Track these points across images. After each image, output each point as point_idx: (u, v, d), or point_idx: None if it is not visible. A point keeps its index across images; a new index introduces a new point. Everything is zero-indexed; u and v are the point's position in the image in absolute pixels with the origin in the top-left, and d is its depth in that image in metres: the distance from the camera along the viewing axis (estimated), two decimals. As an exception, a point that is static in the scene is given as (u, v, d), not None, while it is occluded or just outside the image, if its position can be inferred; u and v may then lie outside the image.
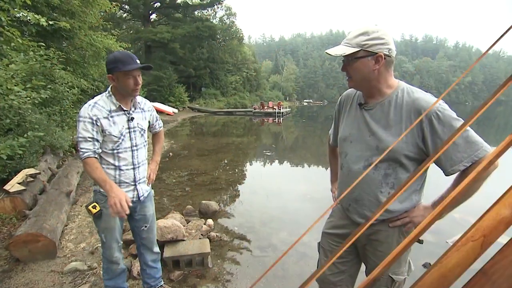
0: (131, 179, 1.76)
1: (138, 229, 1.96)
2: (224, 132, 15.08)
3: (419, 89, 1.25)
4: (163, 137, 2.19)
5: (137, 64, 1.62)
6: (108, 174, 1.69)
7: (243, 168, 7.24)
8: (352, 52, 1.20)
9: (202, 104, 30.02)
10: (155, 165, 2.02)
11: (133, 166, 1.76)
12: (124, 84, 1.61)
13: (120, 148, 1.69)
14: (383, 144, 1.22)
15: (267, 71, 78.55)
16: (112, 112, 1.66)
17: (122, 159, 1.70)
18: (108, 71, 1.62)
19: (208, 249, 2.68)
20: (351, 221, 1.41)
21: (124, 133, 1.69)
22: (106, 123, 1.63)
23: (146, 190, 1.89)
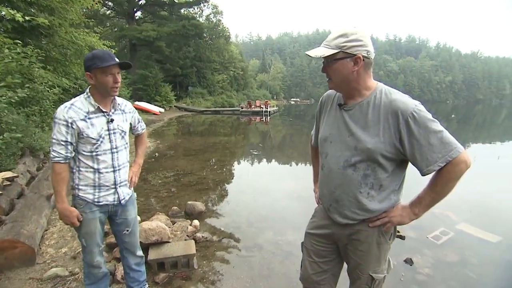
0: (111, 182, 1.72)
1: (120, 233, 1.92)
2: (211, 132, 14.98)
3: (397, 91, 1.27)
4: (146, 139, 2.15)
5: (116, 61, 1.59)
6: (87, 178, 1.66)
7: (230, 168, 7.22)
8: (331, 54, 1.22)
9: (189, 103, 29.68)
10: (137, 168, 1.98)
11: (113, 168, 1.71)
12: (103, 81, 1.57)
13: (99, 151, 1.65)
14: (362, 145, 1.24)
15: (254, 70, 78.50)
16: (90, 114, 1.62)
17: (101, 161, 1.66)
18: (86, 69, 1.58)
19: (194, 250, 2.66)
20: (332, 221, 1.42)
21: (103, 135, 1.65)
22: (84, 125, 1.58)
23: (128, 193, 1.85)
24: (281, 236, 3.46)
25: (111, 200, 1.74)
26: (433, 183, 1.22)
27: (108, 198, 1.73)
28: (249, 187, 5.48)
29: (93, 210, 1.71)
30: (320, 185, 1.51)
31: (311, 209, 1.72)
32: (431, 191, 1.23)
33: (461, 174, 1.17)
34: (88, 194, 1.67)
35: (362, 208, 1.30)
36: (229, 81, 40.26)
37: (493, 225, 3.92)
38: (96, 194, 1.69)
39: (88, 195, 1.67)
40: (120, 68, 1.65)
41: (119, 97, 1.82)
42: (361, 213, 1.31)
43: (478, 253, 3.22)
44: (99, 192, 1.70)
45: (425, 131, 1.14)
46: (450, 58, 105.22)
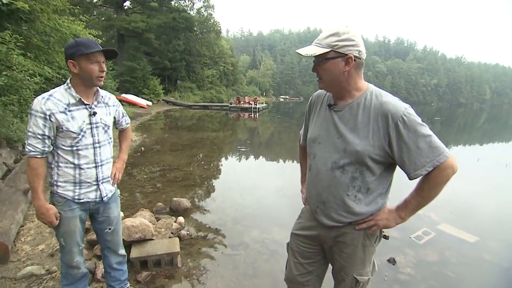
0: (93, 178, 1.64)
1: (102, 232, 1.84)
2: (199, 127, 14.82)
3: (387, 93, 1.26)
4: (130, 134, 2.08)
5: (101, 48, 1.51)
6: (67, 174, 1.57)
7: (217, 164, 7.16)
8: (323, 53, 1.19)
9: (177, 97, 29.26)
10: (121, 164, 1.91)
11: (95, 164, 1.63)
12: (87, 70, 1.49)
13: (80, 145, 1.56)
14: (351, 147, 1.22)
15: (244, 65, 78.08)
16: (71, 106, 1.53)
17: (82, 156, 1.58)
18: (69, 57, 1.48)
19: (178, 248, 2.61)
20: (319, 223, 1.41)
21: (84, 129, 1.56)
22: (63, 118, 1.49)
23: (110, 190, 1.78)
24: (267, 234, 3.45)
25: (92, 197, 1.66)
26: (419, 188, 1.22)
27: (90, 195, 1.65)
28: (236, 184, 5.44)
29: (73, 208, 1.63)
30: (307, 186, 1.49)
31: (297, 208, 1.71)
32: (418, 195, 1.23)
33: (447, 179, 1.17)
34: (67, 191, 1.59)
35: (348, 211, 1.29)
36: (218, 76, 39.92)
37: (471, 225, 4.05)
38: (76, 191, 1.61)
39: (67, 192, 1.59)
40: (106, 57, 1.57)
41: (104, 89, 1.74)
42: (347, 216, 1.30)
43: (457, 253, 3.31)
44: (80, 189, 1.61)
45: (414, 135, 1.13)
46: (436, 62, 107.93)
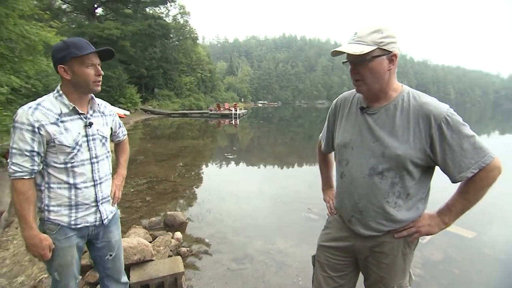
0: (91, 199, 1.41)
1: (102, 259, 1.60)
2: (180, 135, 14.45)
3: (424, 94, 1.20)
4: (128, 146, 1.84)
5: (95, 48, 1.31)
6: (60, 196, 1.33)
7: (205, 173, 6.92)
8: (370, 51, 1.10)
9: (155, 105, 28.56)
10: (120, 180, 1.68)
11: (93, 182, 1.41)
12: (83, 75, 1.29)
13: (75, 161, 1.34)
14: (390, 151, 1.15)
15: (222, 72, 78.12)
16: (63, 116, 1.31)
17: (78, 174, 1.36)
18: (58, 61, 1.27)
19: (181, 268, 2.38)
20: (353, 233, 1.31)
21: (80, 142, 1.35)
22: (55, 130, 1.28)
23: (111, 211, 1.54)
24: (271, 244, 3.29)
25: (91, 221, 1.43)
26: (464, 191, 1.16)
27: (88, 218, 1.42)
28: (229, 194, 5.24)
29: (69, 235, 1.38)
30: (338, 194, 1.39)
31: (296, 215, 1.61)
32: (463, 198, 1.17)
33: (493, 181, 1.12)
34: (62, 216, 1.35)
35: (389, 219, 1.21)
36: (196, 83, 39.56)
37: (465, 221, 4.10)
38: (72, 216, 1.37)
39: (62, 218, 1.35)
40: (100, 59, 1.37)
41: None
42: (387, 224, 1.22)
43: (459, 250, 3.33)
44: (77, 212, 1.38)
45: (458, 136, 1.08)
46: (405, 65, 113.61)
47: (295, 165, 8.31)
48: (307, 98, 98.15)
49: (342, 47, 1.17)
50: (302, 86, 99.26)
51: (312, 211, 4.30)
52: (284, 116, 33.03)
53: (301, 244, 3.31)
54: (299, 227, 3.81)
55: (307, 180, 6.29)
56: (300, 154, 10.17)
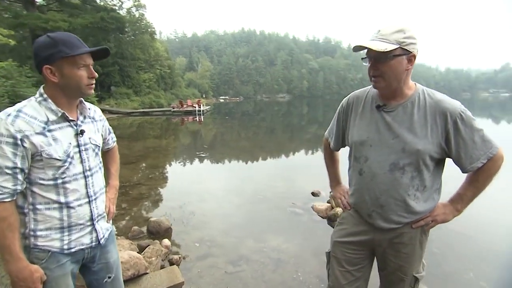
0: (86, 217, 1.23)
1: (99, 282, 1.40)
2: (144, 135, 13.76)
3: (436, 91, 1.28)
4: (118, 154, 1.65)
5: (88, 47, 1.14)
6: (50, 218, 1.13)
7: (180, 174, 6.69)
8: (392, 49, 1.14)
9: (113, 104, 26.78)
10: (114, 193, 1.51)
11: (88, 199, 1.23)
12: (74, 77, 1.12)
13: (67, 176, 1.15)
14: (410, 146, 1.21)
15: (181, 68, 75.78)
16: (51, 124, 1.12)
17: (71, 191, 1.17)
18: (44, 61, 1.09)
19: (181, 278, 2.28)
20: (373, 227, 1.36)
21: (71, 153, 1.16)
22: (42, 141, 1.08)
23: (107, 228, 1.36)
24: (263, 243, 3.27)
25: (87, 242, 1.25)
26: (474, 179, 1.26)
27: (83, 240, 1.24)
28: (208, 193, 5.10)
29: (62, 262, 1.19)
30: (357, 191, 1.40)
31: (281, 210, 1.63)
32: (473, 186, 1.27)
33: (499, 169, 1.23)
34: (53, 241, 1.16)
35: (409, 211, 1.27)
36: (155, 80, 37.88)
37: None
38: (65, 239, 1.18)
39: (53, 243, 1.16)
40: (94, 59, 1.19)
41: (23, 98, 1.30)
42: (408, 216, 1.28)
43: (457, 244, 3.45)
44: (70, 234, 1.19)
45: (470, 130, 1.17)
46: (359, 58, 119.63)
47: (267, 160, 8.38)
48: (268, 92, 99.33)
49: (366, 42, 1.19)
50: (262, 80, 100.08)
51: (296, 206, 4.36)
52: (246, 111, 33.09)
53: (292, 239, 3.34)
54: (287, 222, 3.84)
55: (282, 175, 6.39)
56: (269, 148, 10.27)
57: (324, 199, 4.57)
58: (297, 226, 3.73)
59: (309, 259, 2.92)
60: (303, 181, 5.81)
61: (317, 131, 15.35)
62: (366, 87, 1.46)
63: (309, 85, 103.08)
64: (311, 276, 2.62)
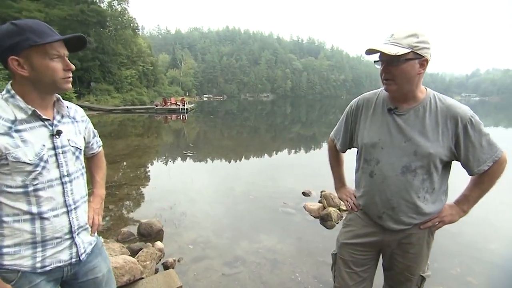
0: (64, 230, 1.08)
1: None
2: (127, 133, 13.36)
3: (446, 96, 1.31)
4: (104, 160, 1.50)
5: (59, 35, 1.01)
6: (19, 231, 0.99)
7: (167, 173, 6.53)
8: (404, 53, 1.15)
9: (93, 101, 25.88)
10: (99, 203, 1.36)
11: (66, 208, 1.09)
12: (47, 70, 0.99)
13: (39, 183, 1.02)
14: (422, 149, 1.24)
15: (164, 65, 74.34)
16: (19, 123, 0.98)
17: (44, 200, 1.03)
18: (8, 51, 0.95)
19: (178, 282, 2.22)
20: (382, 228, 1.38)
21: (45, 156, 1.03)
22: (7, 143, 0.95)
23: (89, 242, 1.21)
24: (258, 243, 3.25)
25: (65, 258, 1.10)
26: (479, 181, 1.31)
27: (61, 256, 1.09)
28: (198, 193, 5.02)
29: (36, 283, 1.04)
30: (368, 192, 1.41)
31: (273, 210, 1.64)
32: (478, 188, 1.32)
33: (503, 171, 1.29)
34: (22, 259, 1.01)
35: (419, 213, 1.30)
36: (138, 76, 36.97)
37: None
38: (38, 256, 1.03)
39: (22, 261, 1.01)
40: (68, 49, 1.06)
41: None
42: (417, 217, 1.32)
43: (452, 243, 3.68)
44: (44, 250, 1.04)
45: (479, 134, 1.22)
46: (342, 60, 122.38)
47: (254, 159, 8.36)
48: (252, 91, 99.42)
49: (379, 46, 1.20)
50: (246, 79, 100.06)
51: (288, 205, 4.37)
52: (230, 110, 32.94)
53: (286, 239, 3.35)
54: (280, 222, 3.84)
55: (271, 174, 6.39)
56: (255, 148, 10.25)
57: (316, 199, 4.61)
58: (290, 226, 3.73)
59: (305, 259, 2.93)
60: (292, 181, 5.83)
61: (300, 131, 15.52)
62: (376, 89, 1.47)
63: (293, 85, 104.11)
64: (309, 276, 2.63)
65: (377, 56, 1.25)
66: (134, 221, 3.72)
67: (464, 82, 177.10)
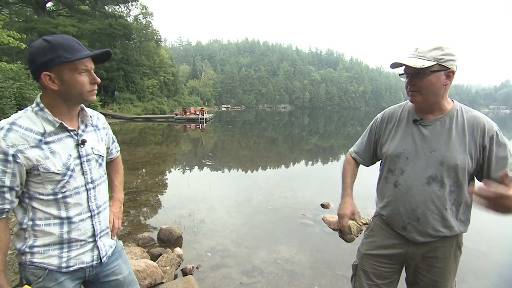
0: (88, 234, 1.14)
1: None
2: (147, 141, 13.74)
3: (472, 109, 1.30)
4: (121, 165, 1.55)
5: (87, 50, 1.07)
6: (49, 234, 1.06)
7: (186, 181, 6.63)
8: (429, 66, 1.17)
9: (116, 109, 26.91)
10: (119, 206, 1.41)
11: (90, 213, 1.15)
12: (75, 83, 1.04)
13: (67, 190, 1.08)
14: (449, 160, 1.22)
15: (185, 75, 76.48)
16: (47, 135, 1.04)
17: (72, 206, 1.10)
18: (41, 67, 1.00)
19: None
20: (406, 240, 1.35)
21: (71, 166, 1.08)
22: (38, 155, 1.01)
23: (110, 245, 1.26)
24: (276, 254, 3.22)
25: (87, 260, 1.15)
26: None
27: (84, 258, 1.14)
28: (218, 202, 5.06)
29: (60, 280, 1.11)
30: (391, 203, 1.39)
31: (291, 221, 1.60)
32: None
33: None
34: (50, 258, 1.08)
35: (446, 225, 1.27)
36: (159, 86, 38.16)
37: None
38: (64, 256, 1.10)
39: (50, 260, 1.08)
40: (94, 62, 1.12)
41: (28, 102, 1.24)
42: (444, 230, 1.28)
43: None
44: (69, 252, 1.11)
45: (503, 148, 1.22)
46: (361, 71, 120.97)
47: (272, 170, 8.33)
48: (270, 102, 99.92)
49: (404, 60, 1.22)
50: (265, 90, 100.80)
51: (306, 217, 4.31)
52: (248, 120, 33.19)
53: (305, 251, 3.29)
54: (298, 233, 3.79)
55: (290, 185, 6.34)
56: (273, 158, 10.23)
57: (334, 211, 4.49)
58: (309, 237, 3.67)
59: (324, 272, 2.87)
60: (310, 192, 5.76)
61: (318, 142, 15.36)
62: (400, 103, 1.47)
63: (311, 96, 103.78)
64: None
65: (401, 69, 1.27)
66: (154, 227, 3.79)
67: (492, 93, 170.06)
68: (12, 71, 10.76)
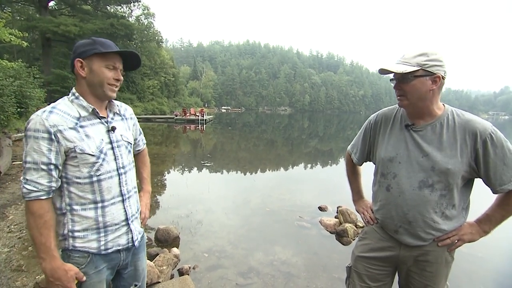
0: (121, 217, 1.21)
1: None
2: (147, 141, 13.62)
3: (466, 112, 1.30)
4: (148, 158, 1.64)
5: (119, 49, 1.18)
6: (86, 218, 1.13)
7: (185, 182, 6.64)
8: (412, 71, 1.20)
9: (116, 109, 26.93)
10: (148, 198, 1.51)
11: (121, 197, 1.21)
12: (101, 74, 1.14)
13: (101, 173, 1.15)
14: (440, 165, 1.23)
15: (185, 76, 76.61)
16: (82, 120, 1.13)
17: (106, 189, 1.16)
18: (78, 55, 1.14)
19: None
20: (398, 243, 1.37)
21: (104, 149, 1.16)
22: (75, 136, 1.09)
23: (139, 231, 1.33)
24: (272, 255, 3.23)
25: (123, 243, 1.23)
26: (504, 202, 1.26)
27: (120, 240, 1.22)
28: (215, 203, 5.07)
29: (100, 268, 1.18)
30: (383, 206, 1.41)
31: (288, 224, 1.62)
32: (502, 209, 1.27)
33: None
34: (90, 242, 1.15)
35: (436, 229, 1.28)
36: (159, 87, 38.25)
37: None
38: (102, 240, 1.17)
39: (90, 243, 1.15)
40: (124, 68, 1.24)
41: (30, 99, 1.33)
42: (435, 233, 1.29)
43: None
44: (106, 235, 1.18)
45: (501, 151, 1.18)
46: (361, 75, 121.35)
47: (271, 172, 8.34)
48: (270, 104, 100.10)
49: (389, 66, 1.26)
50: (265, 92, 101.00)
51: (303, 219, 4.33)
52: (248, 122, 33.22)
53: (301, 253, 3.30)
54: (295, 236, 3.80)
55: (287, 188, 6.35)
56: (272, 161, 10.25)
57: (332, 214, 4.53)
58: (306, 240, 3.69)
59: (320, 274, 2.88)
60: (309, 195, 5.78)
61: (318, 145, 15.39)
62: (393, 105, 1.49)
63: (311, 99, 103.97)
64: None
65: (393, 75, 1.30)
66: (152, 227, 3.80)
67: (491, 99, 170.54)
68: (13, 69, 10.80)
